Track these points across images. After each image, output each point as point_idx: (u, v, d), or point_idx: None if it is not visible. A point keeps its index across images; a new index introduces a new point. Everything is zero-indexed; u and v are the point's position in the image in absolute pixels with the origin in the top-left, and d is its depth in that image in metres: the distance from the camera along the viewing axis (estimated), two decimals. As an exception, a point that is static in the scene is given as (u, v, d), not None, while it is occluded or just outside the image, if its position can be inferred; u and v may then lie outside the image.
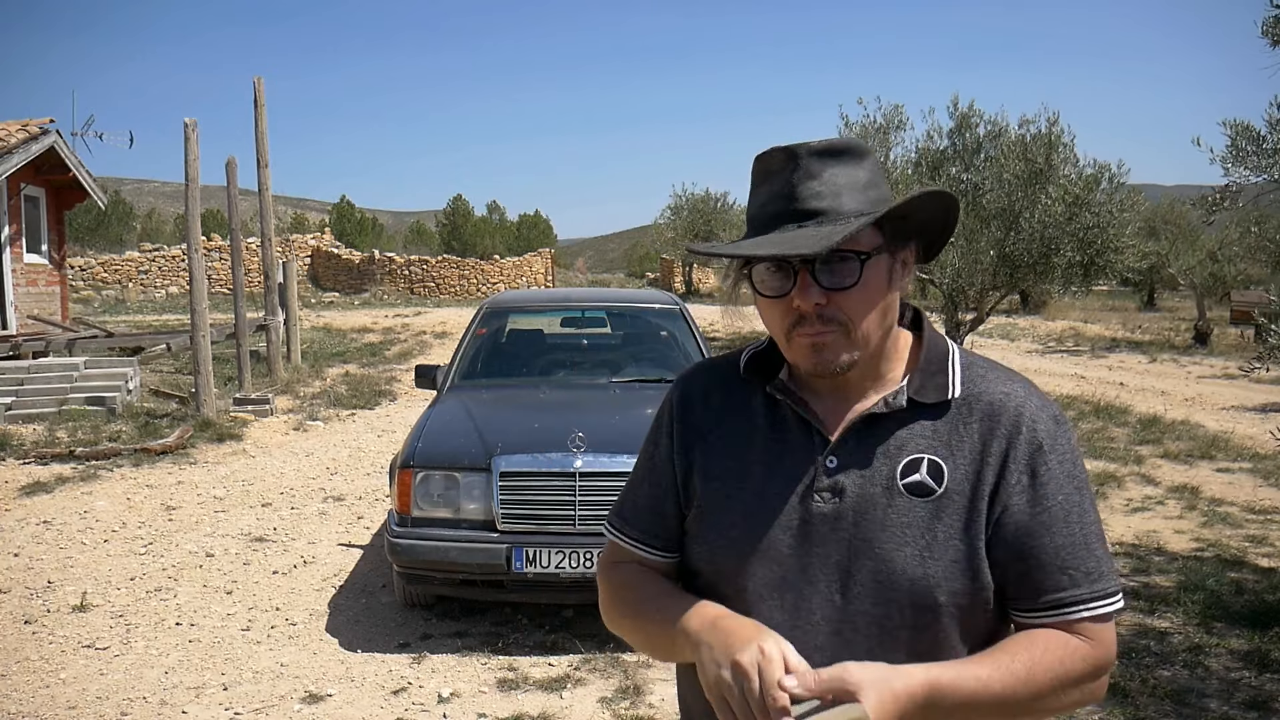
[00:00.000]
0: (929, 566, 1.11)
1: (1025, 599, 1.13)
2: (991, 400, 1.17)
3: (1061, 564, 1.12)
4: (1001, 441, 1.14)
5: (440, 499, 4.37)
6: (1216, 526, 6.27)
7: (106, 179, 68.16)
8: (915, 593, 1.11)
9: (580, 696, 3.88)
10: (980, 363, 1.23)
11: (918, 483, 1.13)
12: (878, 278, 1.14)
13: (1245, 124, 4.58)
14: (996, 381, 1.19)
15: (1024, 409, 1.16)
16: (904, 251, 1.18)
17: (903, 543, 1.12)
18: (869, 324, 1.14)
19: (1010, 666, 1.08)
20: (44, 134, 12.89)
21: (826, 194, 1.13)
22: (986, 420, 1.15)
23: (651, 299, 7.08)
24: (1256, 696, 3.76)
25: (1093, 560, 1.13)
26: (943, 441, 1.15)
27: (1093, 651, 1.12)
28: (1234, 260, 18.28)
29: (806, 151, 1.14)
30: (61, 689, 3.98)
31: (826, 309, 1.12)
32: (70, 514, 6.61)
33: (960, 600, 1.12)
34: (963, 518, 1.12)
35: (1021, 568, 1.12)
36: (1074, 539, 1.13)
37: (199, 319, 9.88)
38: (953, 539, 1.12)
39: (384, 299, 29.71)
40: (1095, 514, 1.16)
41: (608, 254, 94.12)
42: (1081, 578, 1.12)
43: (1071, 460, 1.16)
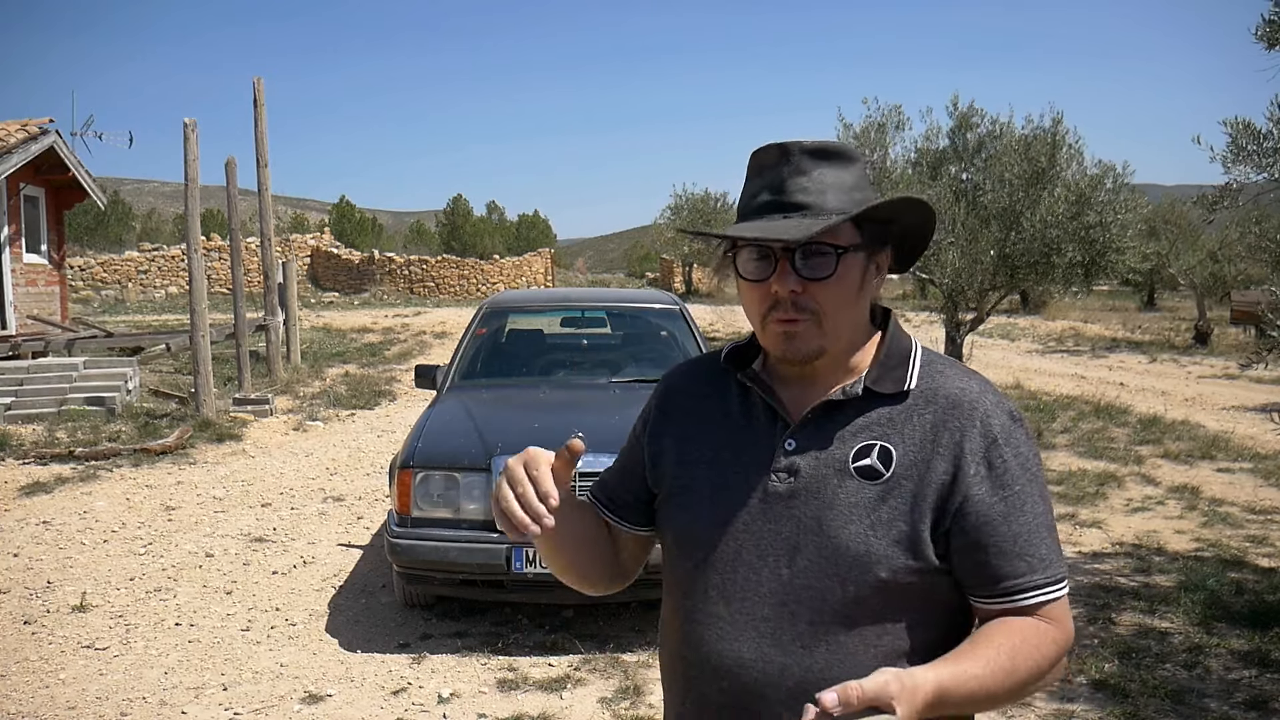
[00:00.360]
0: (872, 544, 1.17)
1: (984, 586, 1.19)
2: (947, 394, 1.23)
3: (1018, 551, 1.18)
4: (955, 434, 1.20)
5: (440, 499, 4.36)
6: (1217, 526, 6.27)
7: (106, 179, 68.17)
8: (857, 568, 1.17)
9: (580, 697, 3.88)
10: (940, 360, 1.29)
11: (868, 466, 1.20)
12: (852, 274, 1.21)
13: (1246, 122, 4.57)
14: (954, 378, 1.25)
15: (979, 404, 1.22)
16: (880, 255, 1.26)
17: (848, 521, 1.18)
18: (839, 316, 1.22)
19: (997, 660, 1.13)
20: (43, 134, 12.88)
21: (813, 190, 1.20)
22: (940, 413, 1.21)
23: (651, 299, 7.07)
24: (1256, 696, 3.75)
25: (1044, 547, 1.19)
26: (896, 430, 1.21)
27: (1060, 634, 1.19)
28: (1234, 260, 18.28)
29: (799, 149, 1.22)
30: (61, 689, 3.98)
31: (801, 297, 1.19)
32: (70, 514, 6.61)
33: (901, 578, 1.17)
34: (908, 501, 1.18)
35: (981, 556, 1.18)
36: (1029, 528, 1.18)
37: (198, 319, 9.88)
38: (897, 520, 1.18)
39: (384, 299, 29.71)
40: (1047, 505, 1.22)
41: (608, 254, 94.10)
42: (1037, 564, 1.18)
43: (1026, 453, 1.21)
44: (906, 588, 1.18)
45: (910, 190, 9.33)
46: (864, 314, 1.27)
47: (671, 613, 1.33)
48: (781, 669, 1.19)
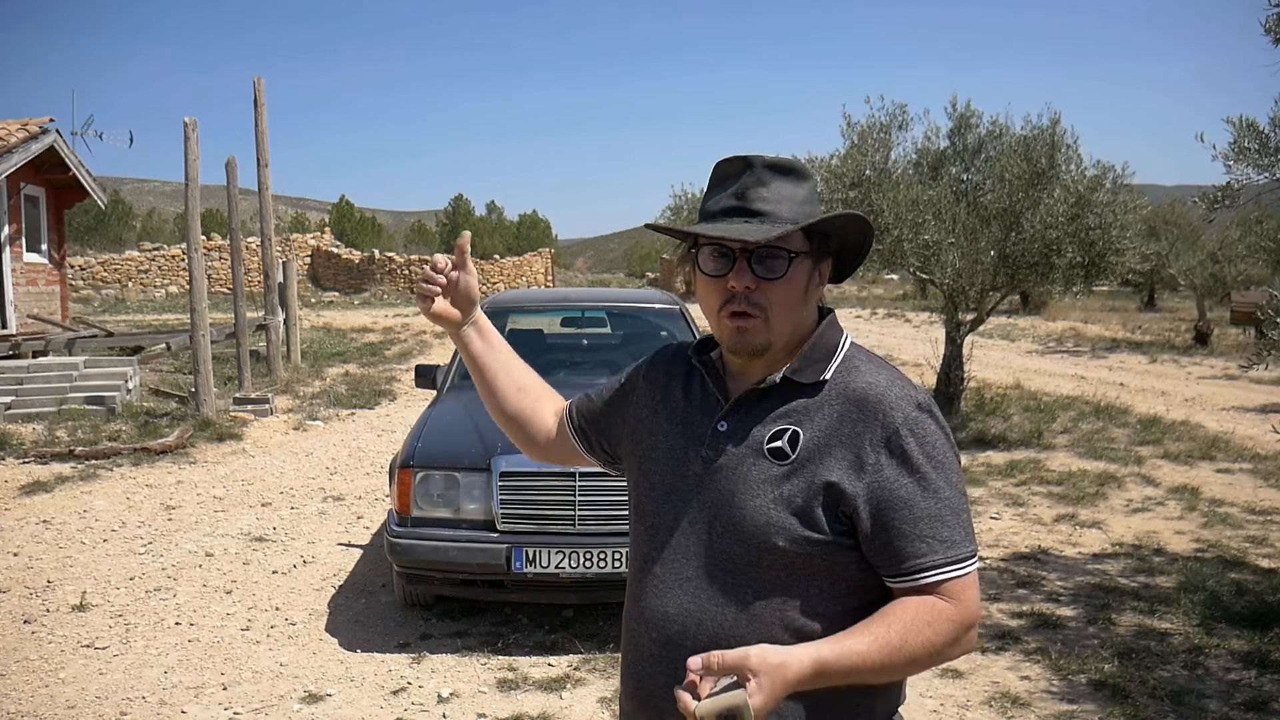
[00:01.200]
0: (771, 515, 1.30)
1: (888, 566, 1.30)
2: (856, 387, 1.35)
3: (919, 533, 1.28)
4: (857, 424, 1.32)
5: (440, 499, 4.36)
6: (1217, 527, 6.26)
7: (106, 178, 68.13)
8: (759, 537, 1.31)
9: (580, 696, 3.88)
10: (862, 356, 1.41)
11: (778, 448, 1.34)
12: (799, 277, 1.36)
13: (1249, 121, 4.56)
14: (866, 372, 1.37)
15: (884, 397, 1.33)
16: (823, 264, 1.41)
17: (754, 495, 1.32)
18: (784, 315, 1.36)
19: (886, 637, 1.24)
20: (44, 133, 12.88)
21: (771, 200, 1.34)
22: (845, 404, 1.34)
23: (651, 299, 7.07)
24: (1256, 697, 3.75)
25: (946, 530, 1.29)
26: (808, 417, 1.34)
27: (957, 612, 1.29)
28: (1234, 261, 18.26)
29: (761, 163, 1.36)
30: (61, 688, 3.97)
31: (754, 294, 1.34)
32: (70, 513, 6.60)
33: (798, 547, 1.29)
34: (807, 480, 1.31)
35: (884, 537, 1.29)
36: (930, 512, 1.29)
37: (199, 318, 9.87)
38: (796, 496, 1.30)
39: (384, 298, 29.71)
40: (955, 490, 1.32)
41: (608, 254, 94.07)
42: (937, 545, 1.28)
43: (932, 441, 1.31)
44: (806, 558, 1.30)
45: (911, 191, 9.32)
46: (808, 315, 1.41)
47: (629, 573, 1.49)
48: (698, 623, 1.34)
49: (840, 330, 1.44)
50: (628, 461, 1.54)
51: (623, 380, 1.63)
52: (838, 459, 1.31)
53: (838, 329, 1.44)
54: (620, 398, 1.61)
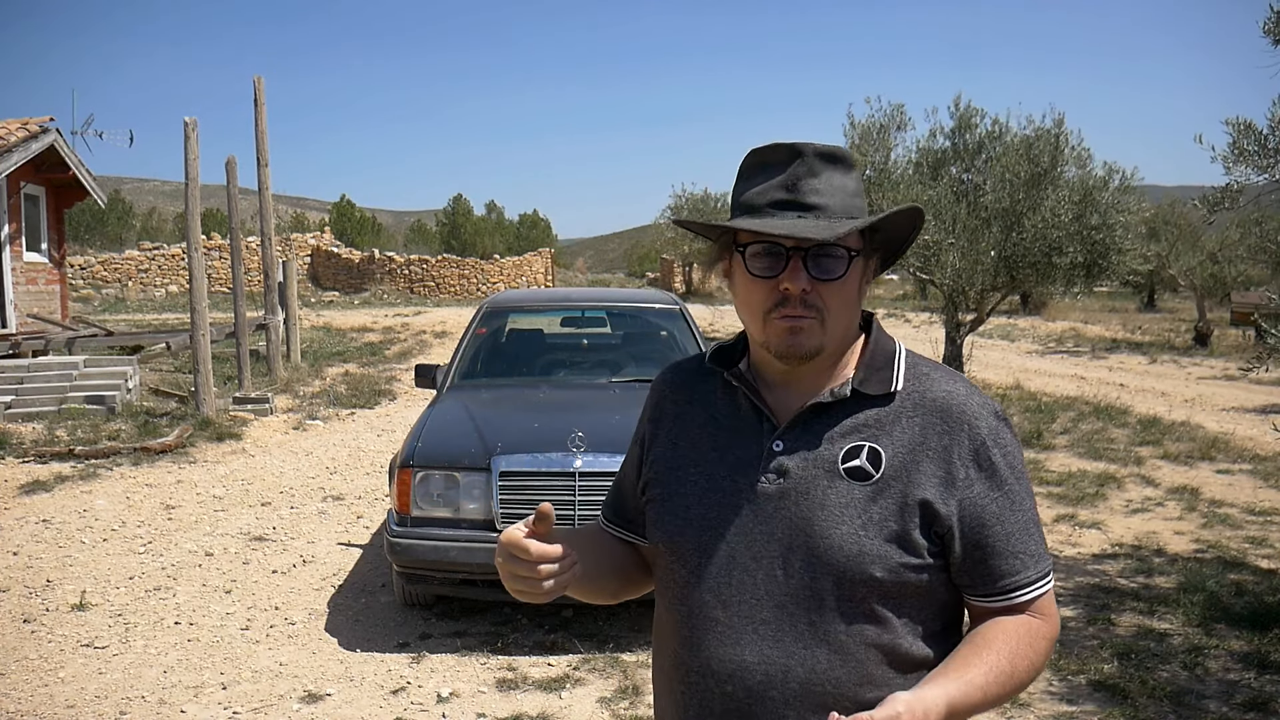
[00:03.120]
0: (864, 544, 1.19)
1: (981, 585, 1.24)
2: (935, 396, 1.25)
3: (1013, 549, 1.23)
4: (944, 438, 1.23)
5: (440, 499, 4.36)
6: (1216, 528, 6.26)
7: (106, 178, 68.15)
8: (850, 568, 1.19)
9: (579, 696, 3.88)
10: (925, 363, 1.32)
11: (858, 468, 1.22)
12: (855, 276, 1.25)
13: (1248, 122, 4.57)
14: (940, 381, 1.28)
15: (966, 407, 1.25)
16: (872, 260, 1.30)
17: (839, 521, 1.20)
18: (841, 317, 1.25)
19: (999, 665, 1.18)
20: (44, 132, 12.88)
21: (825, 192, 1.22)
22: (928, 415, 1.24)
23: (651, 299, 7.07)
24: (1256, 698, 3.75)
25: (1034, 544, 1.24)
26: (884, 431, 1.24)
27: (1051, 628, 1.25)
28: (1234, 261, 18.26)
29: (812, 151, 1.23)
30: (60, 688, 3.97)
31: (810, 295, 1.21)
32: (69, 513, 6.60)
33: (896, 576, 1.19)
34: (898, 501, 1.20)
35: (978, 555, 1.22)
36: (1020, 525, 1.23)
37: (199, 318, 9.87)
38: (888, 520, 1.20)
39: (384, 298, 29.71)
40: (1033, 500, 1.28)
41: (608, 254, 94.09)
42: (1030, 560, 1.23)
43: (1013, 452, 1.26)
44: (902, 586, 1.20)
45: (911, 191, 9.33)
46: (857, 317, 1.31)
47: (667, 619, 1.32)
48: (785, 670, 1.20)
49: (890, 336, 1.34)
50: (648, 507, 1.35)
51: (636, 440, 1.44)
52: (928, 475, 1.21)
53: (887, 334, 1.34)
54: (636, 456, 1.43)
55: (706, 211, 30.13)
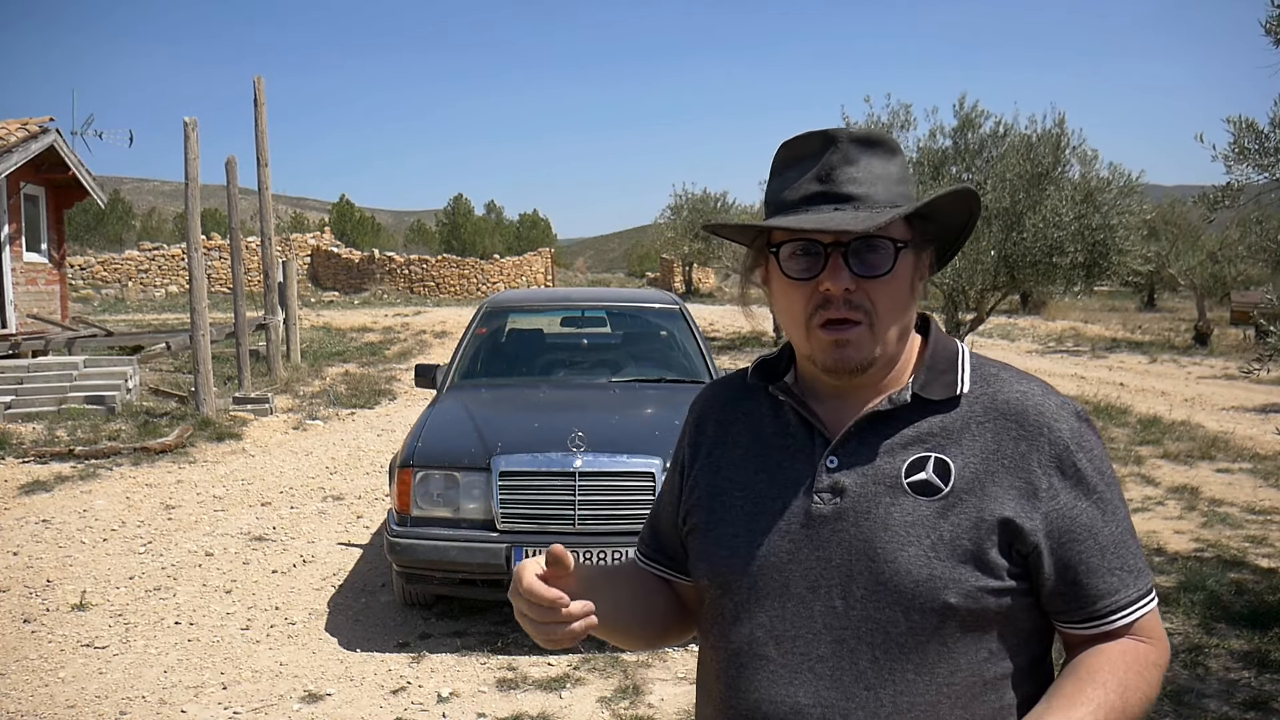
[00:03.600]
0: (935, 567, 1.05)
1: (1076, 609, 1.09)
2: (1007, 399, 1.12)
3: (1109, 565, 1.08)
4: (1020, 444, 1.09)
5: (440, 498, 4.36)
6: (1216, 527, 6.27)
7: (106, 178, 68.21)
8: (921, 595, 1.05)
9: (579, 696, 3.88)
10: (992, 363, 1.18)
11: (923, 481, 1.08)
12: (905, 272, 1.12)
13: (1249, 121, 4.56)
14: (1011, 381, 1.14)
15: (1044, 409, 1.11)
16: (926, 254, 1.16)
17: (906, 542, 1.06)
18: (892, 319, 1.11)
19: (1108, 701, 1.03)
20: (43, 132, 12.88)
21: (864, 180, 1.10)
22: (1001, 420, 1.10)
23: (651, 299, 7.07)
24: (1256, 697, 3.75)
25: (1132, 556, 1.09)
26: (952, 440, 1.10)
27: (1160, 654, 1.10)
28: (1234, 261, 18.27)
29: (846, 137, 1.12)
30: (61, 688, 3.97)
31: (854, 295, 1.09)
32: (69, 513, 6.60)
33: (973, 602, 1.05)
34: (972, 518, 1.06)
35: (1070, 575, 1.07)
36: (1116, 536, 1.09)
37: (198, 318, 9.87)
38: (961, 538, 1.06)
39: (384, 298, 29.71)
40: (1125, 508, 1.12)
41: (608, 254, 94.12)
42: (1130, 577, 1.09)
43: (1100, 457, 1.11)
44: (979, 613, 1.06)
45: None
46: (912, 319, 1.17)
47: (712, 658, 1.18)
48: (845, 715, 1.07)
49: (950, 336, 1.21)
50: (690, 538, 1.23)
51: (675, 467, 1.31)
52: (1005, 488, 1.07)
53: (947, 335, 1.21)
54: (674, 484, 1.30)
55: (707, 211, 30.14)
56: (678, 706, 3.78)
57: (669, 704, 3.80)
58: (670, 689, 3.94)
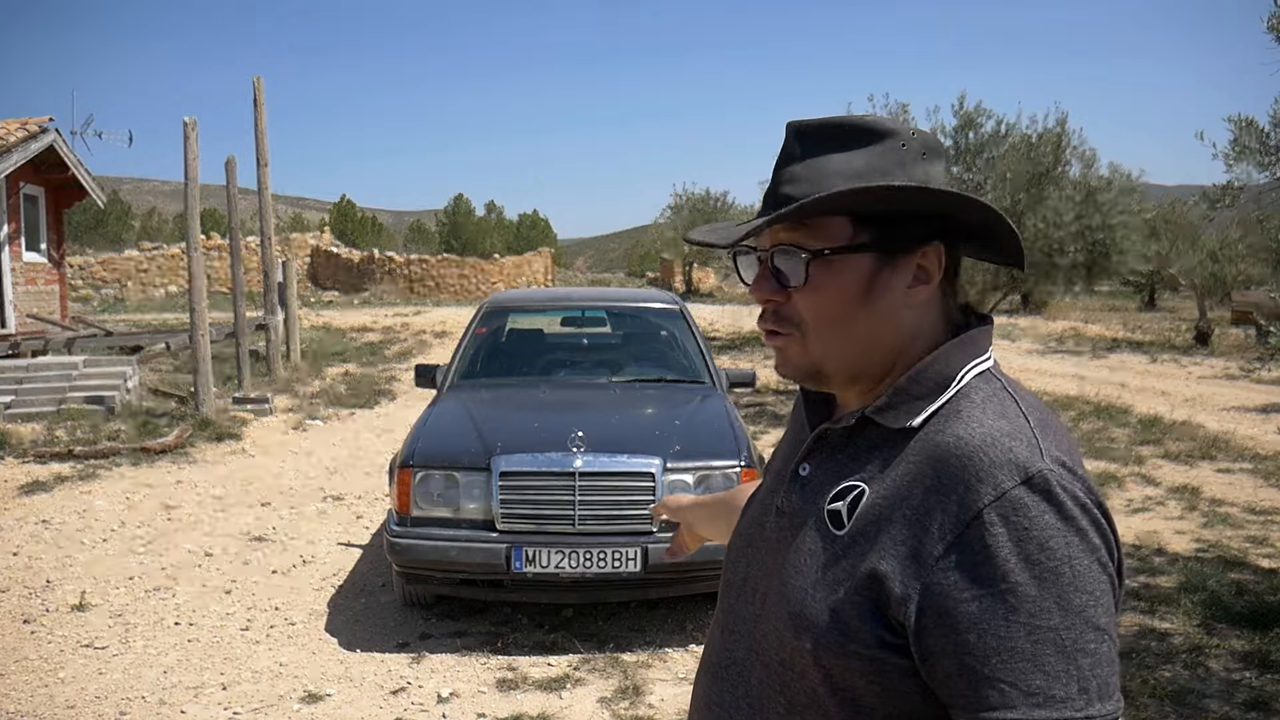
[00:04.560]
0: (807, 605, 0.95)
1: (958, 708, 0.88)
2: (940, 442, 0.93)
3: (991, 673, 0.85)
4: (930, 496, 0.90)
5: (440, 498, 4.36)
6: (1217, 527, 6.26)
7: (106, 178, 68.18)
8: (789, 630, 0.96)
9: (580, 696, 3.88)
10: (981, 395, 0.97)
11: (836, 512, 0.98)
12: (841, 281, 0.98)
13: (1249, 120, 4.56)
14: (966, 420, 0.94)
15: (972, 462, 0.89)
16: (904, 257, 0.99)
17: (798, 572, 0.98)
18: (825, 332, 0.99)
19: None
20: (43, 132, 12.88)
21: (805, 179, 0.98)
22: (924, 464, 0.93)
23: (651, 299, 7.07)
24: (1257, 697, 3.75)
25: (1040, 677, 0.84)
26: (880, 476, 0.97)
27: None
28: (1235, 260, 18.25)
29: (796, 130, 1.01)
30: (60, 688, 3.97)
31: (783, 307, 1.01)
32: (69, 513, 6.60)
33: (831, 659, 0.93)
34: (855, 564, 0.93)
35: (944, 666, 0.87)
36: (1011, 644, 0.84)
37: (198, 318, 9.87)
38: (839, 584, 0.94)
39: (384, 298, 29.71)
40: (1068, 616, 0.85)
41: (608, 254, 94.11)
42: (1018, 697, 0.84)
43: (1035, 540, 0.86)
44: (845, 674, 0.92)
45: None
46: (898, 331, 1.00)
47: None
48: None
49: (970, 354, 1.00)
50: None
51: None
52: (894, 541, 0.91)
53: (970, 351, 1.00)
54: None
55: (707, 211, 30.11)
56: (678, 706, 3.78)
57: (669, 704, 3.80)
58: (670, 689, 3.94)
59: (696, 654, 4.29)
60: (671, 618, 4.68)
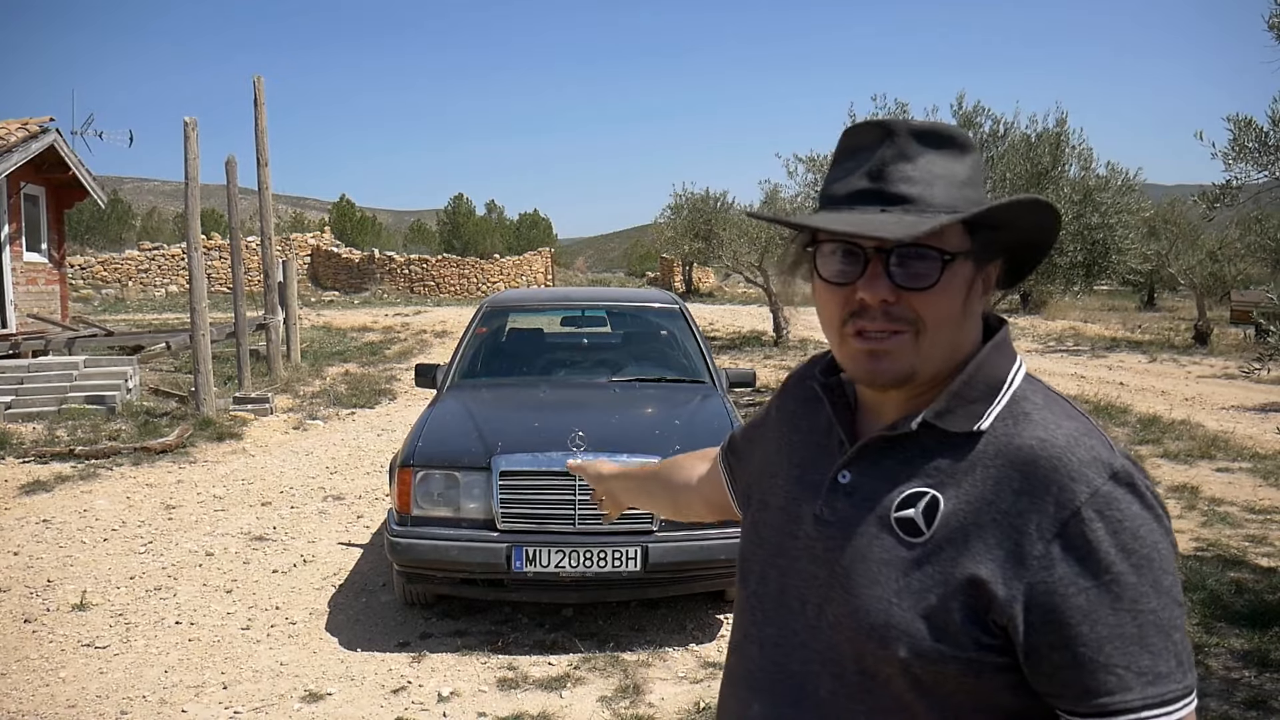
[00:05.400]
0: (893, 614, 0.96)
1: (1068, 698, 0.93)
2: (1021, 444, 0.97)
3: (1106, 661, 0.91)
4: (1021, 499, 0.94)
5: (440, 498, 4.36)
6: (1216, 526, 6.27)
7: (106, 177, 68.19)
8: (876, 640, 0.97)
9: (580, 696, 3.88)
10: (1036, 396, 1.03)
11: (908, 519, 0.99)
12: (956, 286, 1.00)
13: (1248, 119, 4.57)
14: (1042, 422, 0.98)
15: (1061, 463, 0.94)
16: (990, 267, 1.04)
17: (874, 581, 0.98)
18: (938, 335, 1.00)
19: None
20: (44, 132, 12.88)
21: (918, 180, 0.99)
22: (1006, 467, 0.96)
23: (651, 298, 7.07)
24: (1256, 696, 3.76)
25: (1148, 657, 0.92)
26: (954, 479, 0.99)
27: None
28: (1234, 260, 18.26)
29: (906, 130, 1.01)
30: (61, 688, 3.98)
31: (894, 307, 0.99)
32: (70, 513, 6.61)
33: (927, 665, 0.94)
34: (945, 571, 0.95)
35: (1056, 659, 0.92)
36: (1122, 630, 0.91)
37: (198, 318, 9.87)
38: (929, 591, 0.95)
39: (384, 298, 29.72)
40: (1165, 598, 0.94)
41: (608, 253, 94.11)
42: (1133, 678, 0.91)
43: (1129, 529, 0.92)
44: (938, 677, 0.95)
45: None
46: (968, 335, 1.04)
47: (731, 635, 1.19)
48: None
49: (1011, 357, 1.05)
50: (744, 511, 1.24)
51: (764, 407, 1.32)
52: (988, 545, 0.94)
53: (1008, 354, 1.05)
54: (757, 427, 1.30)
55: (706, 211, 30.16)
56: (678, 706, 3.78)
57: (669, 704, 3.80)
58: (670, 689, 3.95)
59: (697, 653, 4.29)
60: (671, 617, 4.69)
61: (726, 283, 35.83)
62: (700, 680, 4.02)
